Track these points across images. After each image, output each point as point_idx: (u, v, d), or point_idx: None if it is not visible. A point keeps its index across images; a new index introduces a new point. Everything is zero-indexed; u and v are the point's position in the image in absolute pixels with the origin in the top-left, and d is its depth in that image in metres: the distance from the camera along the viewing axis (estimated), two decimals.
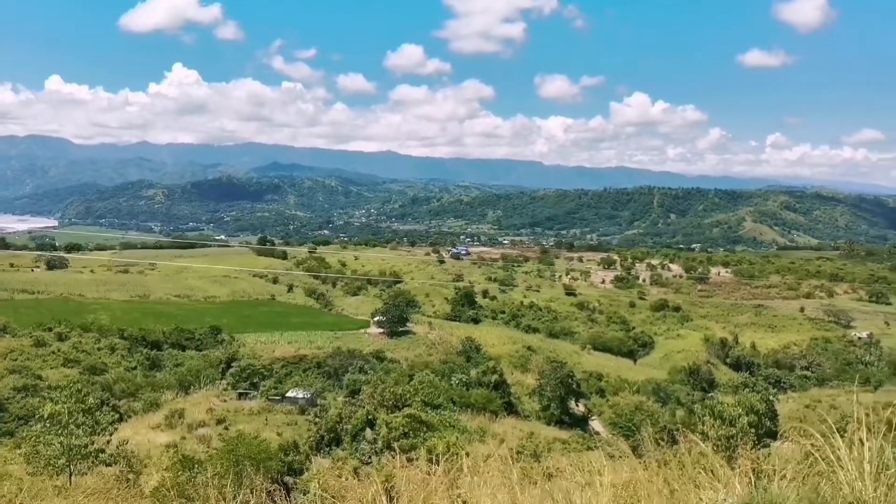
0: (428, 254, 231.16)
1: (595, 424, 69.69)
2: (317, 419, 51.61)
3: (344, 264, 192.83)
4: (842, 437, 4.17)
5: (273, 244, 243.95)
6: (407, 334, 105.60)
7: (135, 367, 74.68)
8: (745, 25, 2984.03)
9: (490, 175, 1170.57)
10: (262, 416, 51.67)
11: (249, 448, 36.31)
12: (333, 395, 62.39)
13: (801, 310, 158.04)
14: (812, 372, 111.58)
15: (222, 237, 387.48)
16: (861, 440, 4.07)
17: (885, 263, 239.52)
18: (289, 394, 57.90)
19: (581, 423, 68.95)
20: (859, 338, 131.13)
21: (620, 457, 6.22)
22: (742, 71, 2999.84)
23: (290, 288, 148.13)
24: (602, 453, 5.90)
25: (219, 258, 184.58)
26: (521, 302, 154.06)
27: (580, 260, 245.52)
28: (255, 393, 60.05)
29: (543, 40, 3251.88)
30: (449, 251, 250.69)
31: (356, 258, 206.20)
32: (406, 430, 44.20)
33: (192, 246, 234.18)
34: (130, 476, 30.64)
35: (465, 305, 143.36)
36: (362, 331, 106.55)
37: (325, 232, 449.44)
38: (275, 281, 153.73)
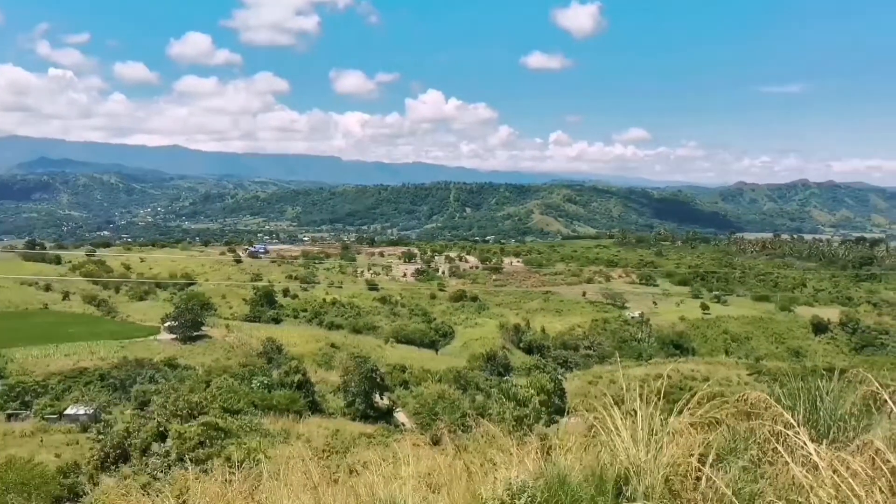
0: (223, 253, 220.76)
1: (400, 416, 71.04)
2: (101, 436, 47.76)
3: (128, 267, 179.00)
4: (620, 408, 4.55)
5: (44, 248, 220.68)
6: (202, 339, 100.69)
7: None
8: (527, 28, 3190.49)
9: (288, 170, 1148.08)
10: (36, 437, 47.52)
11: (21, 473, 33.36)
12: (120, 409, 58.24)
13: (584, 294, 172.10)
14: (594, 351, 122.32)
15: None
16: (635, 410, 4.46)
17: (652, 249, 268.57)
18: (68, 411, 53.32)
19: (386, 415, 69.92)
20: (632, 317, 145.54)
21: (423, 446, 6.35)
22: (526, 72, 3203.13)
23: (66, 295, 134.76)
24: (406, 444, 5.97)
25: None
26: (324, 299, 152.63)
27: (382, 255, 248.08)
28: (28, 412, 54.67)
29: (338, 35, 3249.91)
30: (246, 250, 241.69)
31: (142, 260, 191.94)
32: (202, 440, 42.16)
33: None
34: None
35: (265, 306, 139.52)
36: (152, 338, 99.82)
37: (106, 233, 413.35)
38: (47, 288, 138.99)
